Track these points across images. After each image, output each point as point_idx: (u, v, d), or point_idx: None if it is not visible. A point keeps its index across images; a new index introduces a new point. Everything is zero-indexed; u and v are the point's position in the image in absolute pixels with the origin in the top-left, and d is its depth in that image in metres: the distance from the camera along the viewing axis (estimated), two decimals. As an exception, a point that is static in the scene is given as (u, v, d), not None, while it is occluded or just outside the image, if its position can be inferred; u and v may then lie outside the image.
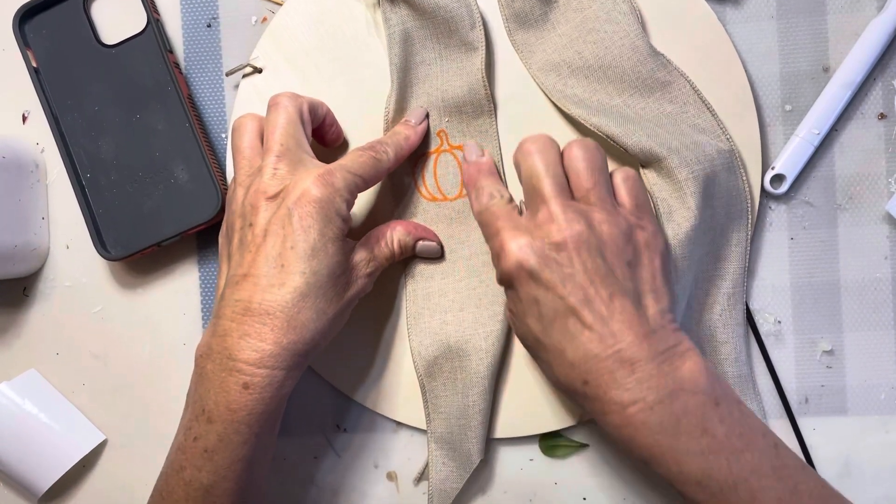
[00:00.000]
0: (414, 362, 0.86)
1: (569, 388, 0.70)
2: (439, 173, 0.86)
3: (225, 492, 0.73)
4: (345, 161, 0.76)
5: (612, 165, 0.83)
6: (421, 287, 0.86)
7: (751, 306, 0.84)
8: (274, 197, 0.73)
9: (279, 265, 0.71)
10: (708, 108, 0.80)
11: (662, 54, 0.81)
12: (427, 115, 0.85)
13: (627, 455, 0.71)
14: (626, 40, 0.81)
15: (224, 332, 0.71)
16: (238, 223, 0.74)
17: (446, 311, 0.85)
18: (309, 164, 0.75)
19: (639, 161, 0.80)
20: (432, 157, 0.86)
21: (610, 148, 0.82)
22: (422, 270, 0.86)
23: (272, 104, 0.77)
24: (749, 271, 0.84)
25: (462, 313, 0.84)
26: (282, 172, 0.73)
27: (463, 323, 0.84)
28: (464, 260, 0.85)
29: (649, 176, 0.80)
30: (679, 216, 0.78)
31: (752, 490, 0.65)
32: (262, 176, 0.73)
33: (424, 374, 0.85)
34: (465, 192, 0.85)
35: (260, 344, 0.70)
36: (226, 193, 0.86)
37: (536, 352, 0.73)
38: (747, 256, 0.82)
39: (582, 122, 0.81)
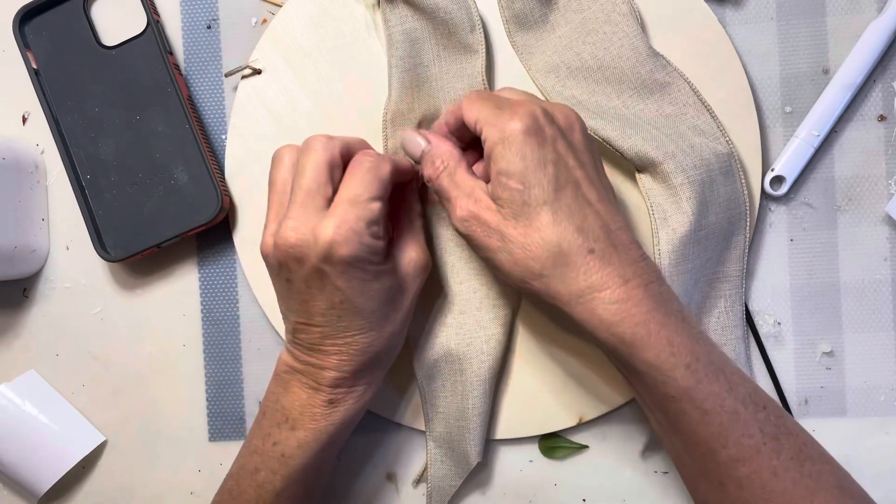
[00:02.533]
0: (414, 364, 0.85)
1: (562, 256, 0.67)
2: None
3: (294, 495, 0.77)
4: (351, 192, 0.72)
5: (607, 168, 0.83)
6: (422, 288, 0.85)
7: (750, 308, 0.84)
8: (298, 251, 0.71)
9: (333, 315, 0.73)
10: (707, 110, 0.80)
11: (662, 55, 0.81)
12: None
13: (610, 341, 0.68)
14: (626, 41, 0.81)
15: (305, 361, 0.76)
16: (276, 267, 0.74)
17: (446, 313, 0.85)
18: (330, 213, 0.72)
19: (634, 165, 0.80)
20: None
21: (606, 151, 0.82)
22: None
23: (304, 147, 0.75)
24: (749, 272, 0.84)
25: (463, 316, 0.84)
26: (300, 223, 0.71)
27: (464, 326, 0.84)
28: (463, 262, 0.84)
29: (645, 180, 0.80)
30: (674, 221, 0.78)
31: (728, 380, 0.66)
32: (285, 226, 0.72)
33: (424, 377, 0.85)
34: None
35: (333, 373, 0.75)
36: (225, 194, 0.87)
37: (533, 214, 0.68)
38: (746, 258, 0.82)
39: None
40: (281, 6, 0.88)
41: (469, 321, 0.84)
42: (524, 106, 0.70)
